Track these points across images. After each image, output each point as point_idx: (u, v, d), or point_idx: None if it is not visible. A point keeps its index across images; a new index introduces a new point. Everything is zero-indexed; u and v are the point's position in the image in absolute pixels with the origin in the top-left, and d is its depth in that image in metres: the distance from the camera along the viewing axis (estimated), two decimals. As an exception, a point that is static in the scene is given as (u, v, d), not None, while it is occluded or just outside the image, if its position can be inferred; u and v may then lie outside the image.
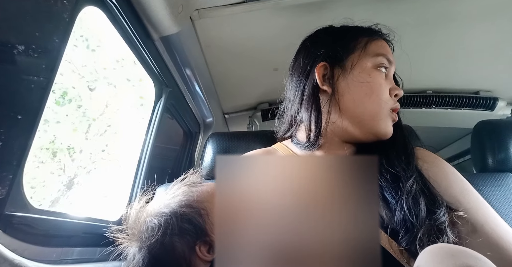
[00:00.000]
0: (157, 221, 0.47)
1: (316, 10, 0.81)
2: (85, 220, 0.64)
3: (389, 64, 0.56)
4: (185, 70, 0.95)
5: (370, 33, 0.57)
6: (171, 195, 0.51)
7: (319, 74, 0.55)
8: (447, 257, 0.28)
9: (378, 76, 0.54)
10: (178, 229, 0.46)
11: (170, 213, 0.47)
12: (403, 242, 0.45)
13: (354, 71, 0.54)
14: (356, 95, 0.53)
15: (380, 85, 0.54)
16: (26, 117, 0.44)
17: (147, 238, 0.46)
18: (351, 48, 0.55)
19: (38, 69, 0.45)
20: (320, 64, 0.55)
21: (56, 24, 0.48)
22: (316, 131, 0.55)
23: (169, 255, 0.46)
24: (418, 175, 0.51)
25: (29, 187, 1.46)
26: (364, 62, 0.54)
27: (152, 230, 0.46)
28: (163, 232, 0.45)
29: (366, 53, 0.55)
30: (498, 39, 0.93)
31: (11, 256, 0.42)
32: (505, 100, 1.26)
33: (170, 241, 0.46)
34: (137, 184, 0.87)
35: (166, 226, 0.46)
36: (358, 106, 0.53)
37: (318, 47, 0.57)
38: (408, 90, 1.27)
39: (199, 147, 1.31)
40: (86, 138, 1.79)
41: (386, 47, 0.57)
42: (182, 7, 0.70)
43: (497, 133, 0.81)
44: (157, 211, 0.49)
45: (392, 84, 0.57)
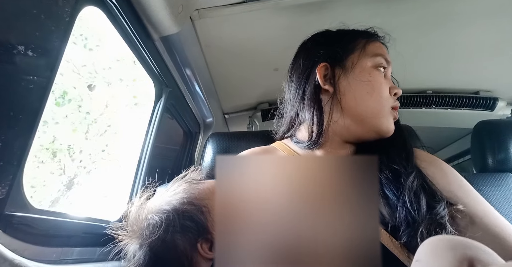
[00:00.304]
0: (158, 218, 0.46)
1: (316, 10, 0.81)
2: (85, 220, 0.64)
3: (387, 64, 0.58)
4: (185, 70, 0.95)
5: (367, 35, 0.59)
6: (172, 192, 0.51)
7: (320, 74, 0.56)
8: (447, 249, 0.28)
9: (378, 75, 0.56)
10: (179, 226, 0.46)
11: (172, 210, 0.47)
12: (403, 237, 0.45)
13: (355, 71, 0.55)
14: (357, 93, 0.54)
15: (380, 84, 0.55)
16: (26, 117, 0.44)
17: (148, 235, 0.46)
18: (351, 49, 0.57)
19: (38, 69, 0.45)
20: (321, 64, 0.56)
21: (56, 24, 0.48)
22: (319, 130, 0.55)
23: (171, 253, 0.45)
24: (417, 172, 0.52)
25: (29, 187, 1.46)
26: (364, 61, 0.56)
27: (153, 227, 0.46)
28: (165, 229, 0.45)
29: (365, 53, 0.56)
30: (498, 39, 0.93)
31: (11, 256, 0.42)
32: (505, 100, 1.26)
33: (171, 238, 0.45)
34: (137, 184, 0.87)
35: (168, 223, 0.46)
36: (360, 105, 0.54)
37: (318, 49, 0.58)
38: (408, 90, 1.27)
39: (199, 147, 1.31)
40: (86, 138, 1.79)
41: (383, 49, 0.59)
42: (182, 7, 0.70)
43: (497, 133, 0.81)
44: (158, 208, 0.48)
45: (391, 83, 0.59)
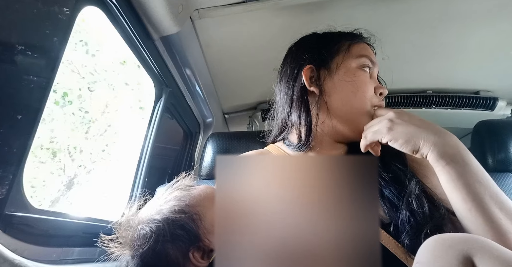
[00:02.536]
0: (148, 228, 0.46)
1: (315, 10, 0.81)
2: (85, 220, 0.64)
3: (372, 64, 0.58)
4: (185, 70, 0.95)
5: (352, 37, 0.60)
6: (163, 200, 0.50)
7: (306, 76, 0.57)
8: (444, 249, 0.29)
9: (363, 75, 0.57)
10: (170, 235, 0.45)
11: (162, 220, 0.46)
12: (406, 238, 0.45)
13: (340, 72, 0.57)
14: (342, 93, 0.56)
15: (365, 83, 0.56)
16: (26, 117, 0.44)
17: (139, 246, 0.45)
18: (335, 51, 0.58)
19: (38, 69, 0.45)
20: (306, 66, 0.58)
21: (56, 24, 0.48)
22: (307, 131, 0.57)
23: (162, 263, 0.45)
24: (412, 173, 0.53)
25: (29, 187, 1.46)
26: (349, 62, 0.57)
27: (143, 238, 0.45)
28: (155, 240, 0.44)
29: (349, 54, 0.57)
30: (498, 39, 0.93)
31: (11, 256, 0.42)
32: (505, 100, 1.26)
33: (162, 248, 0.45)
34: (137, 184, 0.86)
35: (158, 233, 0.45)
36: (345, 105, 0.55)
37: (304, 51, 0.60)
38: (408, 90, 1.27)
39: (199, 147, 1.31)
40: (86, 138, 1.79)
41: (368, 49, 0.60)
42: (182, 7, 0.70)
43: (497, 133, 0.81)
44: (148, 218, 0.47)
45: (376, 83, 0.59)
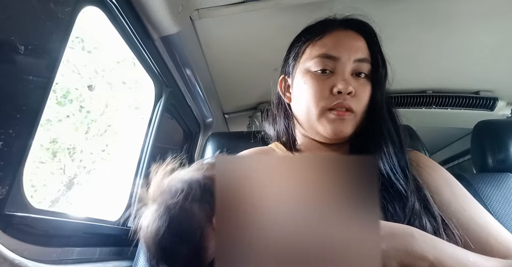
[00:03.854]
0: (180, 185, 0.47)
1: (316, 10, 0.81)
2: (85, 220, 0.64)
3: (332, 60, 0.53)
4: (185, 70, 0.95)
5: (316, 33, 0.56)
6: (193, 169, 0.52)
7: (280, 86, 0.62)
8: None
9: (312, 78, 0.53)
10: (200, 196, 0.46)
11: (194, 181, 0.47)
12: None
13: (297, 77, 0.57)
14: (298, 99, 0.57)
15: (313, 86, 0.53)
16: (26, 117, 0.44)
17: (168, 199, 0.46)
18: (298, 56, 0.58)
19: (38, 69, 0.45)
20: (280, 77, 0.62)
21: (56, 24, 0.48)
22: (288, 137, 0.60)
23: (186, 221, 0.46)
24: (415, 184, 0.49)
25: (30, 186, 1.46)
26: (306, 66, 0.55)
27: (175, 192, 0.46)
28: (185, 196, 0.45)
29: (308, 57, 0.56)
30: (498, 39, 0.93)
31: (11, 256, 0.42)
32: (505, 100, 1.26)
33: (190, 207, 0.45)
34: (137, 184, 0.87)
35: (189, 191, 0.46)
36: (300, 110, 0.56)
37: (283, 62, 0.63)
38: (408, 90, 1.27)
39: (199, 147, 1.31)
40: (87, 138, 1.79)
41: (328, 44, 0.54)
42: (182, 7, 0.70)
43: (497, 133, 0.81)
44: (181, 177, 0.48)
45: (337, 80, 0.51)
